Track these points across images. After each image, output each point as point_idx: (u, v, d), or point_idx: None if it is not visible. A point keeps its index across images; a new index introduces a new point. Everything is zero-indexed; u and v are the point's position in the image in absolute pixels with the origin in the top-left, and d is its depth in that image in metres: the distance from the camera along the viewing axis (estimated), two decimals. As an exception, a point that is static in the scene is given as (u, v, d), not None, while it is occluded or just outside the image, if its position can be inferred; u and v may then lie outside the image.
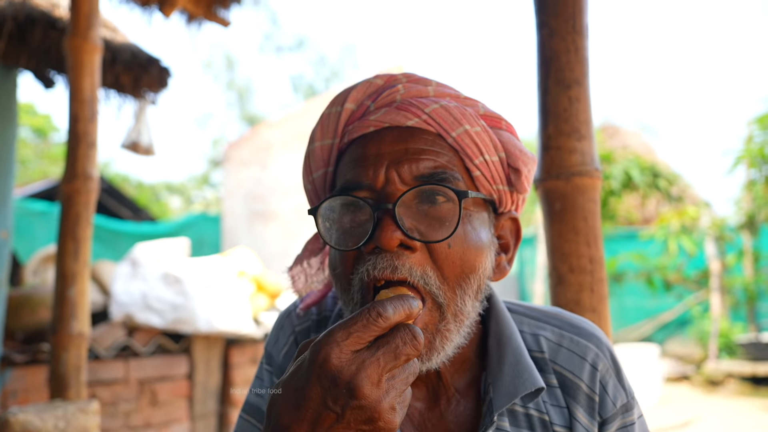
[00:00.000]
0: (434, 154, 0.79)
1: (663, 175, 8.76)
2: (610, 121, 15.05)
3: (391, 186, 0.77)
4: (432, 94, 0.83)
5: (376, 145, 0.80)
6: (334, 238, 0.80)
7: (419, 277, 0.75)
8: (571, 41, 1.36)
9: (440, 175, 0.78)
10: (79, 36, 2.49)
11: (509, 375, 0.81)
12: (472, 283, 0.79)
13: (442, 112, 0.80)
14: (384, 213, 0.75)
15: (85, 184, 2.46)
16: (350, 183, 0.80)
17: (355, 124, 0.84)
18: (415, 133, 0.80)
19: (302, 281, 0.96)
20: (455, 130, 0.81)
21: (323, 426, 0.62)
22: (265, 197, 10.39)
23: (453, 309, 0.77)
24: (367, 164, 0.79)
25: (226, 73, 25.96)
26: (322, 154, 0.87)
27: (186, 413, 4.16)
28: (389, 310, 0.64)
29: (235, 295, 4.35)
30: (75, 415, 2.08)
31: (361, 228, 0.78)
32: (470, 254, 0.78)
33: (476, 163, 0.82)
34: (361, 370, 0.61)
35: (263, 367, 0.97)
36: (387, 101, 0.83)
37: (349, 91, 0.85)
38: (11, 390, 3.33)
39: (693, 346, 9.85)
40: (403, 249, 0.75)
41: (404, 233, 0.74)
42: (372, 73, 1.14)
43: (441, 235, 0.75)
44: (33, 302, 3.57)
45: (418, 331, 0.65)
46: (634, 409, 0.86)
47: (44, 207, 7.71)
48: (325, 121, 0.86)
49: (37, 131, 18.51)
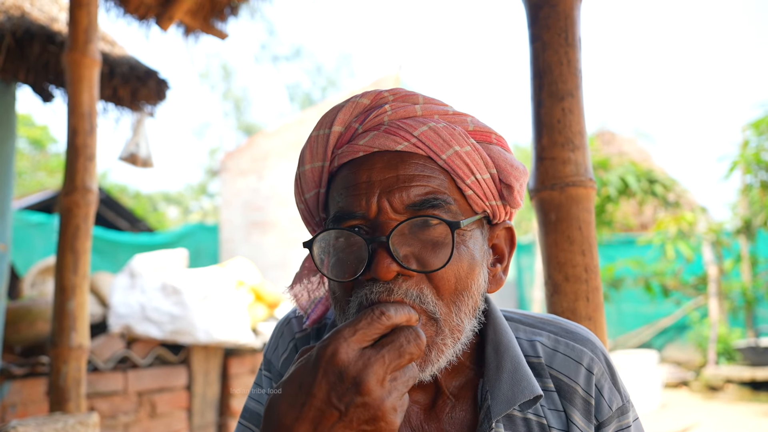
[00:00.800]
0: (425, 179, 0.80)
1: (659, 181, 8.79)
2: (606, 127, 15.13)
3: (383, 215, 0.78)
4: (420, 113, 0.83)
5: (366, 172, 0.80)
6: (330, 269, 0.81)
7: (415, 297, 0.76)
8: (563, 54, 1.38)
9: (432, 201, 0.79)
10: (78, 50, 2.51)
11: (507, 383, 0.83)
12: (467, 300, 0.80)
13: (431, 134, 0.81)
14: (378, 245, 0.76)
15: (84, 197, 2.47)
16: (343, 212, 0.80)
17: (344, 148, 0.84)
18: (404, 157, 0.80)
19: (305, 298, 0.97)
20: (445, 153, 0.81)
21: (325, 425, 0.63)
22: (262, 207, 10.41)
23: (449, 324, 0.79)
24: (359, 193, 0.80)
25: (222, 83, 26.05)
26: (313, 176, 0.87)
27: (185, 424, 4.15)
28: (391, 310, 0.68)
29: (234, 306, 4.35)
30: (75, 428, 2.08)
31: (355, 258, 0.79)
32: (463, 273, 0.79)
33: (468, 182, 0.82)
34: (368, 366, 0.63)
35: (262, 373, 0.98)
36: (374, 123, 0.83)
37: (336, 112, 0.85)
38: (10, 403, 3.32)
39: (692, 352, 9.86)
40: (399, 277, 0.76)
41: (399, 264, 0.75)
42: (360, 89, 1.14)
43: (436, 263, 0.77)
44: (31, 315, 3.57)
45: (420, 332, 0.68)
46: (630, 412, 0.87)
47: (42, 219, 7.70)
48: (313, 143, 0.86)
49: (34, 142, 18.51)
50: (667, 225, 8.90)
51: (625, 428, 0.86)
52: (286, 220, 10.10)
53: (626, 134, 15.52)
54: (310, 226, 0.94)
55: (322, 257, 0.82)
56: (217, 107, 32.47)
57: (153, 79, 3.44)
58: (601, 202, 8.96)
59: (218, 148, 26.22)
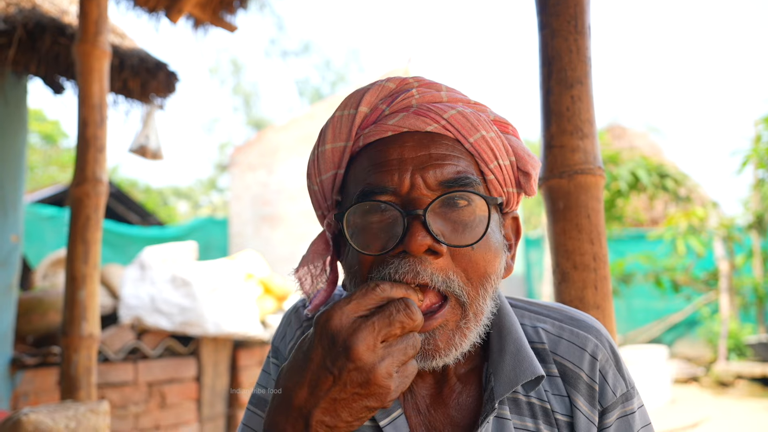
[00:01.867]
0: (455, 159, 0.81)
1: (670, 176, 8.72)
2: (617, 121, 15.01)
3: (416, 191, 0.78)
4: (445, 99, 0.85)
5: (398, 150, 0.81)
6: (358, 242, 0.81)
7: (441, 282, 0.77)
8: (572, 41, 1.37)
9: (464, 180, 0.80)
10: (88, 42, 2.52)
11: (510, 364, 0.84)
12: (492, 284, 0.82)
13: (460, 118, 0.82)
14: (414, 218, 0.76)
15: (95, 187, 2.49)
16: (373, 187, 0.80)
17: (371, 128, 0.84)
18: (435, 138, 0.82)
19: (309, 282, 0.97)
20: (473, 136, 0.82)
21: (322, 388, 0.67)
22: (271, 201, 10.44)
23: (474, 308, 0.80)
24: (390, 169, 0.80)
25: (232, 77, 26.12)
26: (333, 156, 0.87)
27: (194, 415, 4.18)
28: (387, 284, 0.71)
29: (243, 298, 4.38)
30: (86, 416, 2.11)
31: (386, 232, 0.79)
32: (491, 255, 0.81)
33: (491, 167, 0.84)
34: (357, 331, 0.67)
35: (270, 360, 0.99)
36: (403, 105, 0.84)
37: (363, 94, 0.85)
38: (22, 392, 3.37)
39: (702, 348, 9.79)
40: (428, 254, 0.76)
41: (434, 238, 0.75)
42: (381, 76, 1.16)
43: (468, 239, 0.78)
44: (43, 305, 3.61)
45: (411, 302, 0.71)
46: (635, 398, 0.87)
47: (53, 212, 7.77)
48: (337, 123, 0.86)
49: (45, 137, 18.67)
50: (677, 220, 8.83)
51: (629, 414, 0.86)
52: (294, 215, 10.13)
53: (637, 128, 15.39)
54: (320, 210, 0.94)
55: (352, 230, 0.82)
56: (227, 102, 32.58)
57: (163, 72, 3.46)
58: (611, 197, 8.90)
59: (228, 143, 26.33)
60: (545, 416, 0.85)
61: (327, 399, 0.66)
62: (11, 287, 3.39)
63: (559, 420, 0.85)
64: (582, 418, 0.84)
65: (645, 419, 0.89)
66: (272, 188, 10.46)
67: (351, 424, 0.68)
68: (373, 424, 0.85)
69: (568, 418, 0.85)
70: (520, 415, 0.85)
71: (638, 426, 0.87)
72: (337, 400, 0.66)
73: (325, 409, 0.66)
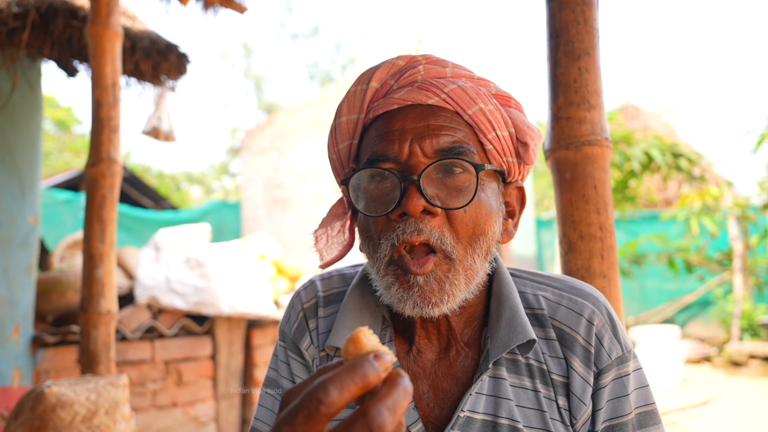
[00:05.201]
0: (452, 130, 0.88)
1: (684, 155, 8.62)
2: (631, 101, 14.82)
3: (414, 158, 0.86)
4: (449, 74, 0.91)
5: (400, 121, 0.88)
6: (363, 205, 0.89)
7: (437, 238, 0.84)
8: (580, 12, 1.37)
9: (458, 149, 0.86)
10: (100, 23, 2.55)
11: (505, 329, 0.90)
12: (482, 244, 0.88)
13: (459, 91, 0.89)
14: (410, 183, 0.84)
15: (110, 167, 2.53)
16: (377, 155, 0.88)
17: (380, 101, 0.92)
18: (435, 110, 0.89)
19: (324, 242, 1.04)
20: (471, 108, 0.89)
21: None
22: (283, 184, 10.48)
23: (463, 264, 0.86)
24: (392, 139, 0.88)
25: (243, 61, 26.09)
26: (348, 128, 0.95)
27: (210, 393, 4.27)
28: (334, 393, 0.51)
29: (256, 278, 4.44)
30: (106, 388, 2.17)
31: (388, 196, 0.87)
32: (482, 219, 0.87)
33: (489, 137, 0.90)
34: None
35: (278, 344, 1.07)
36: (409, 81, 0.91)
37: (374, 71, 0.93)
38: (43, 369, 3.46)
39: (715, 328, 9.76)
40: (425, 214, 0.84)
41: (427, 201, 0.83)
42: (393, 54, 1.24)
43: (459, 202, 0.85)
44: (62, 285, 3.69)
45: (381, 420, 0.50)
46: (630, 362, 0.91)
47: (69, 196, 7.88)
48: (351, 97, 0.94)
49: (59, 124, 18.82)
50: (691, 200, 8.76)
51: (624, 376, 0.90)
52: (306, 198, 10.17)
53: (651, 108, 15.19)
54: (339, 177, 1.02)
55: (357, 194, 0.90)
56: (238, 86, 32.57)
57: (174, 54, 3.48)
58: (624, 177, 8.83)
59: (239, 127, 26.37)
60: (542, 376, 0.90)
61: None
62: (30, 268, 3.46)
63: (554, 380, 0.90)
64: (577, 378, 0.89)
65: (641, 381, 0.92)
66: (283, 171, 10.50)
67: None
68: None
69: (563, 379, 0.90)
70: (518, 374, 0.91)
71: (632, 387, 0.90)
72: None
73: None
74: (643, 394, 0.91)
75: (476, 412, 0.88)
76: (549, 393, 0.89)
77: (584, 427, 0.89)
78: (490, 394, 0.89)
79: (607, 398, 0.89)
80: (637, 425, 0.89)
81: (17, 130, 3.46)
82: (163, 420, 3.98)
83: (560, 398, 0.89)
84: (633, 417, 0.89)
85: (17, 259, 3.40)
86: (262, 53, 33.82)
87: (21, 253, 3.42)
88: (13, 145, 3.43)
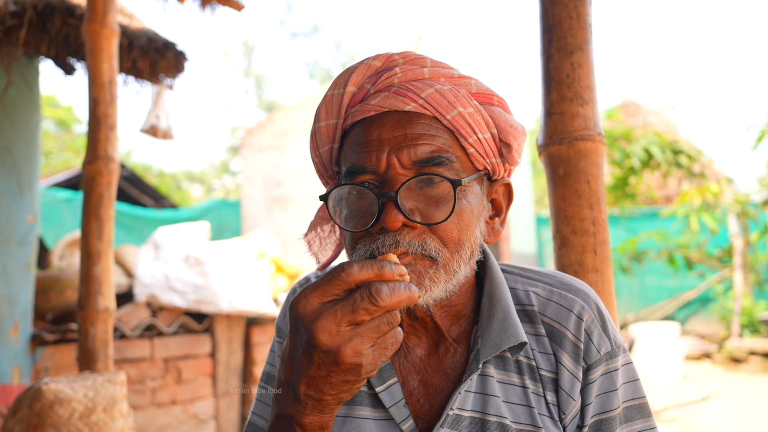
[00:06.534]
0: (431, 138, 0.86)
1: (684, 152, 8.61)
2: (631, 98, 14.81)
3: (392, 170, 0.84)
4: (428, 76, 0.89)
5: (377, 131, 0.86)
6: (343, 218, 0.89)
7: (417, 247, 0.83)
8: (573, 7, 1.37)
9: (437, 159, 0.85)
10: (97, 21, 2.55)
11: (497, 329, 0.89)
12: (466, 249, 0.88)
13: (437, 96, 0.86)
14: (387, 199, 0.82)
15: (107, 165, 2.54)
16: (355, 167, 0.87)
17: (357, 107, 0.90)
18: (412, 117, 0.86)
19: (317, 245, 1.04)
20: (450, 113, 0.87)
21: (300, 367, 0.69)
22: (283, 182, 10.49)
23: (447, 267, 0.86)
24: (370, 150, 0.86)
25: (243, 60, 26.08)
26: (327, 132, 0.94)
27: (210, 390, 4.28)
28: (355, 268, 0.67)
29: (255, 276, 4.44)
30: (104, 385, 2.18)
31: (366, 211, 0.86)
32: (464, 225, 0.86)
33: (470, 141, 0.88)
34: (317, 319, 0.66)
35: (275, 339, 1.08)
36: (385, 85, 0.89)
37: (350, 74, 0.91)
38: (43, 367, 3.47)
39: (715, 325, 9.76)
40: (405, 227, 0.83)
41: (405, 216, 0.82)
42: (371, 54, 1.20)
43: (439, 216, 0.84)
44: (61, 283, 3.69)
45: (378, 289, 0.66)
46: (620, 356, 0.91)
47: (69, 195, 7.89)
48: (328, 102, 0.92)
49: (59, 123, 18.84)
50: (691, 196, 8.75)
51: (613, 371, 0.90)
52: (306, 196, 10.18)
53: (651, 105, 15.17)
54: (323, 178, 1.01)
55: (336, 209, 0.90)
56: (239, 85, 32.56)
57: (171, 51, 3.48)
58: (624, 174, 8.83)
59: (239, 126, 26.38)
60: (531, 372, 0.90)
61: (306, 376, 0.68)
62: (29, 266, 3.47)
63: (543, 376, 0.90)
64: (566, 374, 0.89)
65: (630, 376, 0.92)
66: (283, 170, 10.51)
67: (336, 396, 0.70)
68: (371, 391, 0.92)
69: (552, 374, 0.90)
70: (506, 371, 0.91)
71: (621, 381, 0.90)
72: (315, 377, 0.68)
73: (307, 384, 0.69)
74: (631, 388, 0.91)
75: (465, 410, 0.88)
76: (537, 389, 0.90)
77: (573, 422, 0.89)
78: (478, 392, 0.89)
79: (596, 393, 0.89)
80: (624, 419, 0.89)
81: (15, 129, 3.47)
82: (162, 418, 3.99)
83: (549, 394, 0.89)
84: (620, 411, 0.89)
85: (16, 257, 3.41)
86: (262, 51, 33.82)
87: (20, 251, 3.43)
88: (11, 143, 3.44)
